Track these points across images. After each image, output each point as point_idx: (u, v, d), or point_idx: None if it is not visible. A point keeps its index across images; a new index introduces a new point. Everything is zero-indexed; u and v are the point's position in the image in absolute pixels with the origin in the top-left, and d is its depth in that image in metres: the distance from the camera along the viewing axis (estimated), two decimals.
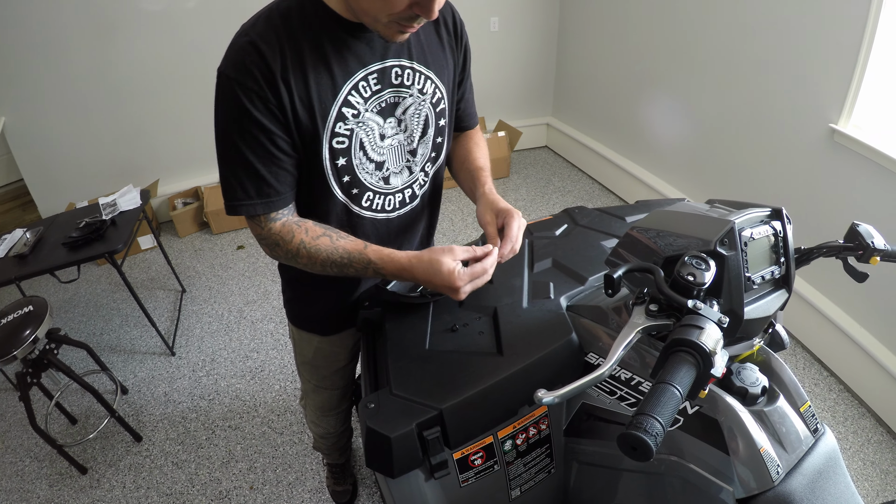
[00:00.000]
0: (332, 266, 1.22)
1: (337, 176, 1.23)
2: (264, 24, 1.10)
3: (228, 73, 1.09)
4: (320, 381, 1.76)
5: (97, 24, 3.80)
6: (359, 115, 1.20)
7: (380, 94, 1.21)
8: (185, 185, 4.55)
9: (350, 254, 1.20)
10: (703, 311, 0.85)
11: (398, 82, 1.23)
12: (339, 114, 1.17)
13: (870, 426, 2.64)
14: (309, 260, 1.22)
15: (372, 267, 1.20)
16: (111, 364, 3.13)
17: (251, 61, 1.07)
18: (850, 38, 2.54)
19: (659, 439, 0.70)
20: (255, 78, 1.07)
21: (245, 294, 3.69)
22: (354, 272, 1.23)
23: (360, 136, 1.21)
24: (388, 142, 1.27)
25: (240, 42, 1.10)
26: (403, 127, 1.28)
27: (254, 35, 1.09)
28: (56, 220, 3.14)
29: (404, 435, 1.06)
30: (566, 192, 4.85)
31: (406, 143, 1.30)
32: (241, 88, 1.08)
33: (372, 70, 1.19)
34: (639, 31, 4.12)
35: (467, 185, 1.46)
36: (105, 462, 2.60)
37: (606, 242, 1.55)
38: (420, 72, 1.26)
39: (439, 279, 1.13)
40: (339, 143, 1.19)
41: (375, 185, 1.30)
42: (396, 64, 1.22)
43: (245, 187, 1.17)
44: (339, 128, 1.18)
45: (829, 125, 2.70)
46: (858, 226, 1.20)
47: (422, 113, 1.30)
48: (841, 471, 0.97)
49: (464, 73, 1.42)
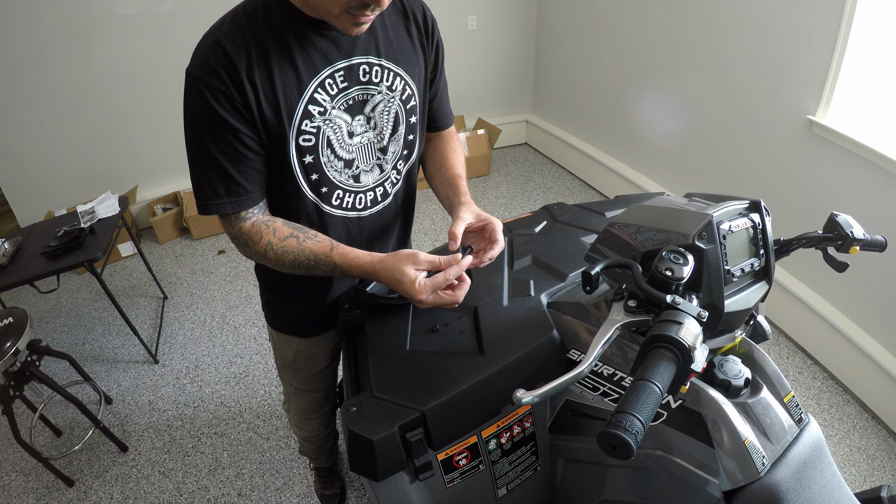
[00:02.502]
0: (300, 267, 1.22)
1: (305, 174, 1.23)
2: (230, 24, 1.11)
3: (195, 73, 1.09)
4: (301, 384, 1.75)
5: (72, 30, 3.75)
6: (325, 112, 1.19)
7: (347, 91, 1.21)
8: (164, 190, 4.50)
9: (317, 256, 1.21)
10: (681, 305, 0.85)
11: (366, 79, 1.23)
12: (304, 111, 1.17)
13: (855, 412, 2.67)
14: (277, 261, 1.23)
15: (339, 269, 1.21)
16: (94, 374, 3.09)
17: (216, 61, 1.08)
18: (826, 29, 2.56)
19: (639, 437, 0.69)
20: (220, 77, 1.08)
21: (227, 299, 3.66)
22: (323, 273, 1.23)
23: (328, 134, 1.21)
24: (357, 139, 1.26)
25: (206, 42, 1.11)
26: (373, 124, 1.28)
27: (220, 35, 1.10)
28: (34, 229, 3.08)
29: (387, 438, 1.05)
30: (547, 188, 4.86)
31: (376, 140, 1.30)
32: (207, 88, 1.08)
33: (339, 67, 1.19)
34: (617, 27, 4.14)
35: (443, 191, 1.44)
36: (91, 474, 2.56)
37: (586, 238, 1.55)
38: (389, 69, 1.26)
39: (401, 288, 1.13)
40: (305, 141, 1.19)
41: (345, 183, 1.30)
42: (364, 61, 1.22)
43: (214, 186, 1.17)
44: (305, 125, 1.18)
45: (807, 117, 2.72)
46: (837, 216, 1.21)
47: (391, 110, 1.30)
48: (826, 459, 0.97)
49: (436, 70, 1.41)
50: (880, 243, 1.21)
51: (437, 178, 1.48)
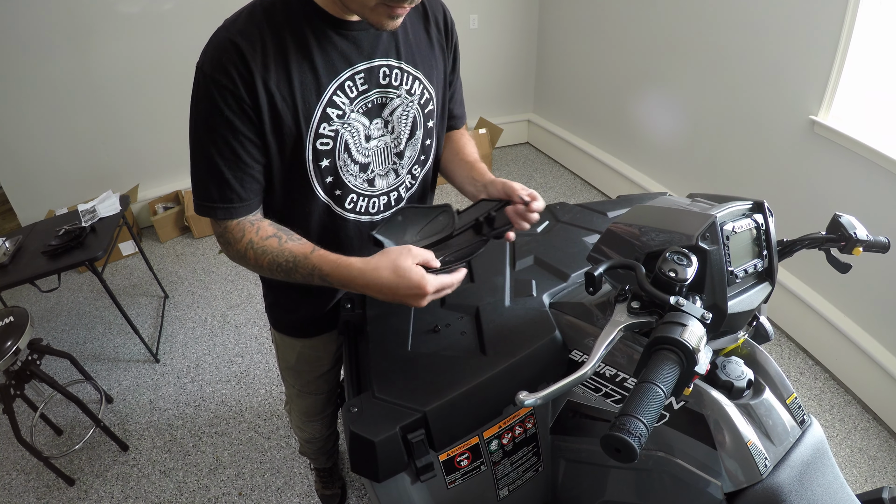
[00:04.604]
0: (277, 269, 1.15)
1: (320, 177, 1.21)
2: (246, 19, 1.08)
3: (205, 69, 1.07)
4: (304, 387, 1.75)
5: (74, 28, 3.75)
6: (344, 115, 1.17)
7: (366, 94, 1.19)
8: (165, 189, 4.50)
9: (295, 257, 1.13)
10: (685, 307, 0.84)
11: (386, 83, 1.21)
12: (323, 114, 1.14)
13: (856, 413, 2.66)
14: (255, 261, 1.17)
15: (317, 273, 1.12)
16: (95, 373, 3.09)
17: (228, 59, 1.05)
18: (829, 29, 2.55)
19: (643, 440, 0.69)
20: (231, 77, 1.05)
21: (228, 298, 3.66)
22: (301, 278, 1.15)
23: (346, 138, 1.19)
24: (373, 143, 1.24)
25: (219, 38, 1.07)
26: (390, 128, 1.26)
27: (234, 31, 1.06)
28: (35, 228, 3.09)
29: (388, 439, 1.04)
30: (548, 188, 4.86)
31: (393, 145, 1.28)
32: (216, 86, 1.06)
33: (359, 69, 1.16)
34: (619, 27, 4.13)
35: (462, 172, 1.42)
36: (92, 473, 2.56)
37: (588, 238, 1.53)
38: (408, 72, 1.24)
39: (406, 284, 1.04)
40: (322, 145, 1.17)
41: (359, 187, 1.27)
42: (384, 64, 1.20)
43: (209, 188, 1.15)
44: (323, 129, 1.15)
45: (810, 117, 2.72)
46: (840, 217, 1.20)
47: (409, 114, 1.28)
48: (829, 461, 0.97)
49: (454, 73, 1.40)
50: (883, 244, 1.21)
51: (456, 162, 1.46)
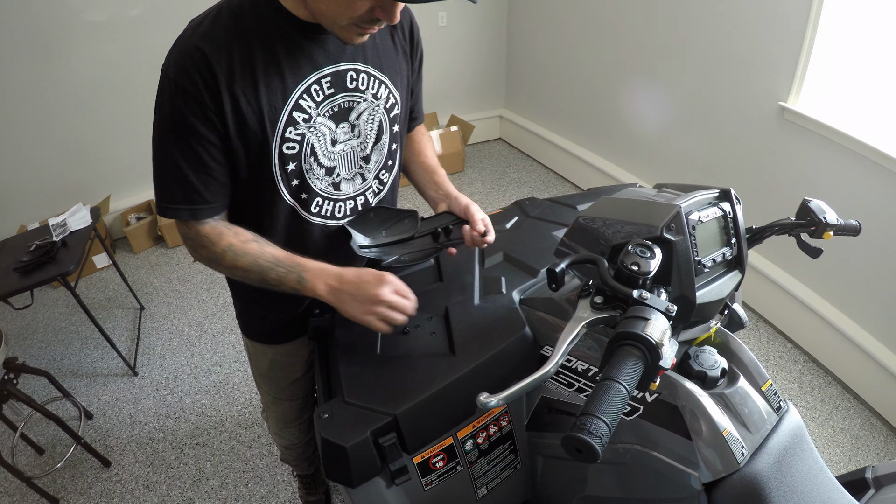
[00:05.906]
0: (254, 269, 1.18)
1: (286, 180, 1.21)
2: (212, 22, 1.07)
3: (170, 73, 1.06)
4: (279, 393, 1.73)
5: (38, 38, 3.68)
6: (310, 119, 1.17)
7: (333, 98, 1.19)
8: (137, 199, 4.44)
9: (276, 257, 1.19)
10: (649, 300, 0.83)
11: (353, 86, 1.21)
12: (289, 118, 1.14)
13: (836, 394, 2.69)
14: (233, 263, 1.19)
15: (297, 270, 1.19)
16: (74, 389, 3.04)
17: (192, 65, 1.04)
18: (797, 14, 2.56)
19: (605, 440, 0.68)
20: (195, 83, 1.04)
21: (204, 307, 3.62)
22: (276, 277, 1.19)
23: (312, 142, 1.18)
24: (339, 147, 1.24)
25: (185, 42, 1.07)
26: (357, 132, 1.26)
27: (199, 35, 1.06)
28: (6, 244, 3.03)
29: (359, 444, 1.04)
30: (522, 182, 4.87)
31: (359, 149, 1.28)
32: (179, 92, 1.05)
33: (326, 73, 1.16)
34: (586, 20, 4.14)
35: (424, 176, 1.48)
36: (76, 491, 2.52)
37: (558, 233, 1.53)
38: (375, 76, 1.24)
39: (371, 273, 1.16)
40: (289, 149, 1.16)
41: (325, 190, 1.27)
42: (351, 67, 1.19)
43: (172, 191, 1.14)
44: (289, 133, 1.15)
45: (779, 103, 2.73)
46: (810, 202, 1.20)
47: (375, 118, 1.28)
48: (807, 446, 0.97)
49: (418, 79, 1.41)
50: (854, 227, 1.21)
51: (417, 163, 1.50)
